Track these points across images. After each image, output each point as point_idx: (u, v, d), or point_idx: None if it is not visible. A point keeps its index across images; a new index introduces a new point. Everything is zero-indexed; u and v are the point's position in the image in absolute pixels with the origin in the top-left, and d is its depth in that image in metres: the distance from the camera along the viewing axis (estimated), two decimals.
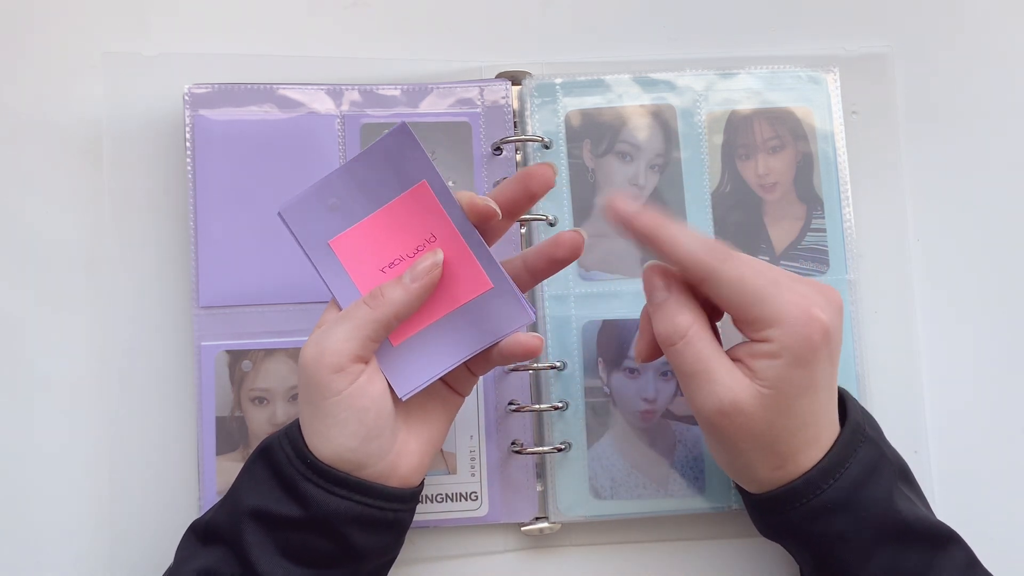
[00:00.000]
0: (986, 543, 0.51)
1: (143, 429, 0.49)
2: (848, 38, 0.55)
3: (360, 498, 0.40)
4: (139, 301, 0.50)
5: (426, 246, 0.41)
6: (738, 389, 0.39)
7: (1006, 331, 0.53)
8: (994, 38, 0.55)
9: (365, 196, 0.41)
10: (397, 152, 0.40)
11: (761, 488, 0.41)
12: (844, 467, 0.40)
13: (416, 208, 0.41)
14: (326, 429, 0.40)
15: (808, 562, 0.42)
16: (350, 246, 0.41)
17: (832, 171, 0.52)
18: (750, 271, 0.39)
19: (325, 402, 0.39)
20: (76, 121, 0.52)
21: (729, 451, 0.41)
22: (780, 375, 0.39)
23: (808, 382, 0.39)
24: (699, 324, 0.40)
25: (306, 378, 0.40)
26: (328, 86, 0.51)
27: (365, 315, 0.40)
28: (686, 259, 0.39)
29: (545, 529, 0.49)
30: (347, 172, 0.41)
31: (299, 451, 0.40)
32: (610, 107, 0.52)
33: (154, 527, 0.49)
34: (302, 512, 0.40)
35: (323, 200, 0.41)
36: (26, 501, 0.49)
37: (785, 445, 0.40)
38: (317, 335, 0.40)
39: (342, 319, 0.40)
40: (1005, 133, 0.55)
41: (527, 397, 0.50)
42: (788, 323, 0.38)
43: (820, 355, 0.39)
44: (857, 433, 0.41)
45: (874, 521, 0.40)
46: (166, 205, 0.51)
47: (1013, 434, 0.52)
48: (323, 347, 0.39)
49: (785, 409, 0.39)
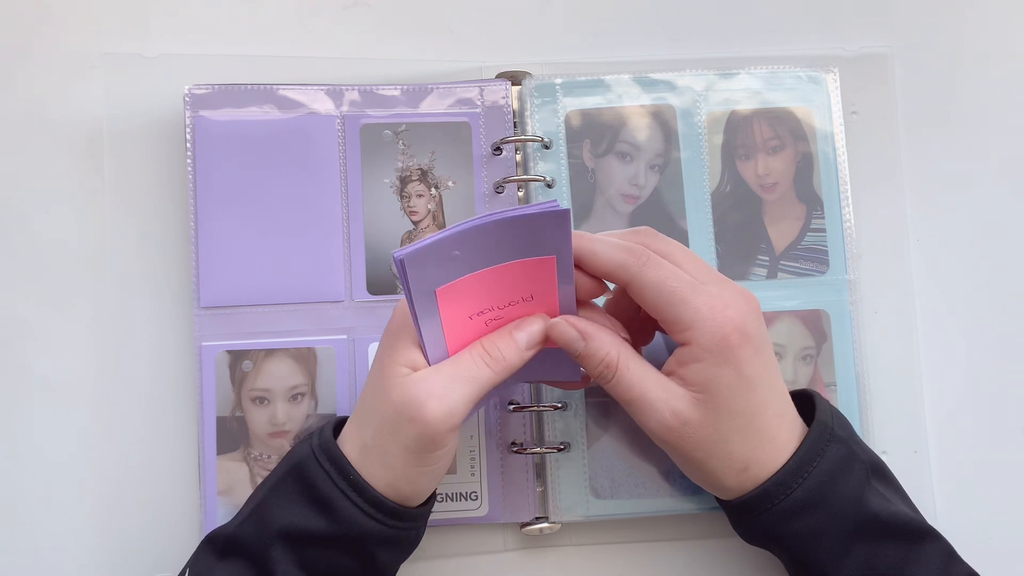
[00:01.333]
0: (986, 543, 0.51)
1: (144, 429, 0.49)
2: (848, 38, 0.55)
3: (393, 522, 0.41)
4: (139, 301, 0.50)
5: (520, 303, 0.42)
6: (675, 401, 0.40)
7: (1006, 331, 0.53)
8: (994, 38, 0.55)
9: (486, 254, 0.40)
10: (543, 225, 0.39)
11: (733, 494, 0.42)
12: (812, 466, 0.41)
13: (529, 272, 0.41)
14: (419, 477, 0.41)
15: (789, 564, 0.43)
16: (452, 295, 0.40)
17: (832, 171, 0.52)
18: (668, 274, 0.40)
19: (430, 455, 0.40)
20: (76, 122, 0.52)
21: (691, 463, 0.42)
22: (707, 377, 0.40)
23: (736, 379, 0.40)
24: (624, 354, 0.41)
25: (425, 434, 0.39)
26: (328, 86, 0.51)
27: (487, 378, 0.40)
28: (608, 267, 0.40)
29: (545, 529, 0.49)
30: (482, 231, 0.38)
31: (342, 470, 0.41)
32: (610, 107, 0.52)
33: (155, 527, 0.49)
34: (334, 529, 0.40)
35: (446, 251, 0.39)
36: (26, 501, 0.49)
37: (738, 446, 0.40)
38: (429, 387, 0.39)
39: (463, 379, 0.40)
40: (1005, 133, 0.55)
41: (527, 397, 0.50)
42: (702, 324, 0.39)
43: (740, 352, 0.40)
44: (825, 432, 0.42)
45: (847, 519, 0.41)
46: (167, 206, 0.51)
47: (1012, 434, 0.52)
48: (451, 408, 0.39)
49: (723, 409, 0.40)
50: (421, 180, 0.51)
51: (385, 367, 0.41)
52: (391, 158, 0.51)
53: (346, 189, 0.50)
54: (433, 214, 0.51)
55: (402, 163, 0.51)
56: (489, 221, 0.38)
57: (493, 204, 0.51)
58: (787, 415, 0.42)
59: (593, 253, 0.41)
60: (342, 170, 0.50)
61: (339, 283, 0.50)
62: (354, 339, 0.49)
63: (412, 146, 0.51)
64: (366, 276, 0.50)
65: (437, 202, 0.51)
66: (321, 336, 0.49)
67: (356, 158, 0.51)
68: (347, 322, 0.50)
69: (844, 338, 0.51)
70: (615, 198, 0.51)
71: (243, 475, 0.48)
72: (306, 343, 0.49)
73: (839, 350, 0.50)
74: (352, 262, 0.50)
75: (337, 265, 0.50)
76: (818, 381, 0.50)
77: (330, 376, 0.49)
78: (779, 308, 0.51)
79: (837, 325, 0.51)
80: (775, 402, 0.42)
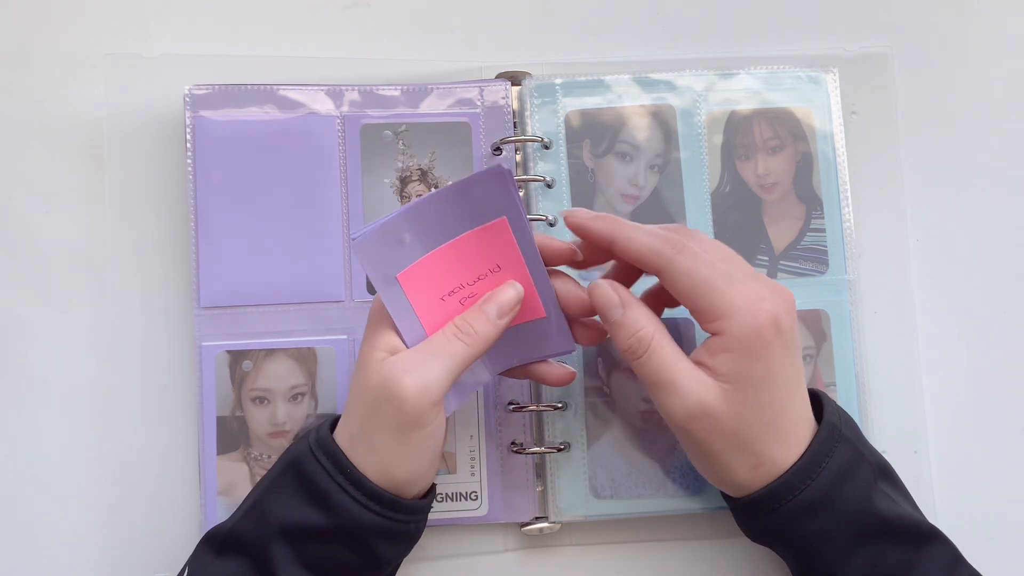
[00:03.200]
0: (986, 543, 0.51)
1: (144, 429, 0.49)
2: (848, 38, 0.55)
3: (391, 514, 0.41)
4: (140, 301, 0.50)
5: (488, 275, 0.42)
6: (702, 390, 0.40)
7: (1005, 331, 0.53)
8: (994, 38, 0.55)
9: (438, 230, 0.41)
10: (484, 190, 0.40)
11: (742, 492, 0.42)
12: (821, 467, 0.41)
13: (486, 241, 0.41)
14: (405, 458, 0.41)
15: (793, 563, 0.43)
16: (415, 278, 0.41)
17: (831, 171, 0.52)
18: (704, 263, 0.40)
19: (414, 434, 0.40)
20: (77, 122, 0.52)
21: (706, 455, 0.41)
22: (737, 368, 0.39)
23: (765, 373, 0.40)
24: (660, 333, 0.41)
25: (403, 410, 0.39)
26: (328, 86, 0.51)
27: (462, 352, 0.41)
28: (642, 251, 0.41)
29: (545, 529, 0.49)
30: (427, 206, 0.40)
31: (339, 464, 0.41)
32: (610, 107, 0.52)
33: (155, 527, 0.49)
34: (332, 522, 0.40)
35: (395, 234, 0.40)
36: (27, 501, 0.49)
37: (756, 442, 0.40)
38: (404, 364, 0.40)
39: (437, 354, 0.40)
40: (1004, 133, 0.54)
41: (527, 397, 0.50)
42: (737, 314, 0.39)
43: (773, 347, 0.39)
44: (833, 433, 0.42)
45: (854, 520, 0.40)
46: (167, 206, 0.51)
47: (1012, 434, 0.52)
48: (426, 382, 0.40)
49: (749, 402, 0.40)
50: (421, 180, 0.51)
51: (364, 354, 0.42)
52: (391, 158, 0.51)
53: (346, 189, 0.50)
54: None
55: (402, 163, 0.51)
56: (430, 196, 0.40)
57: None
58: (804, 416, 0.42)
59: (629, 238, 0.41)
60: (342, 170, 0.50)
61: (339, 283, 0.50)
62: (354, 339, 0.49)
63: (412, 146, 0.51)
64: (366, 276, 0.50)
65: None
66: (321, 336, 0.49)
67: (356, 158, 0.51)
68: (347, 322, 0.50)
69: (844, 338, 0.51)
70: (615, 198, 0.51)
71: (243, 475, 0.48)
72: (306, 343, 0.49)
73: (839, 350, 0.51)
74: (352, 262, 0.50)
75: (337, 265, 0.50)
76: (818, 381, 0.50)
77: (330, 376, 0.49)
78: None
79: (837, 325, 0.51)
80: (798, 401, 0.42)
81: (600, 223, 0.42)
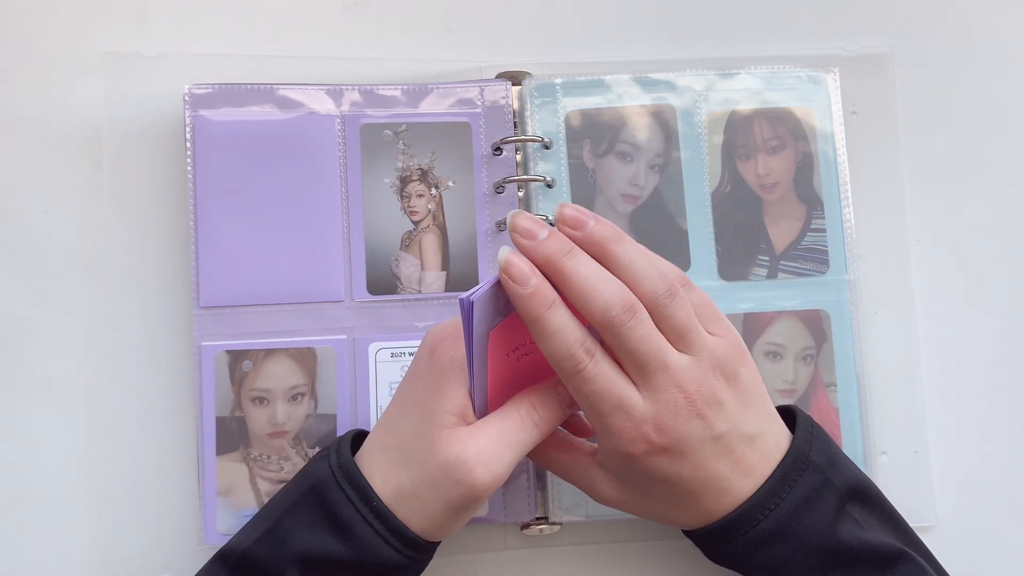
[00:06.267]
0: (986, 543, 0.51)
1: (143, 429, 0.49)
2: (848, 38, 0.55)
3: (409, 552, 0.41)
4: (139, 301, 0.50)
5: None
6: (603, 489, 0.43)
7: (1006, 331, 0.53)
8: (994, 38, 0.55)
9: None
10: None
11: (703, 521, 0.42)
12: (781, 498, 0.40)
13: None
14: (453, 524, 0.41)
15: None
16: (497, 335, 0.40)
17: (832, 171, 0.52)
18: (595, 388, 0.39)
19: (472, 510, 0.41)
20: (76, 121, 0.52)
21: (668, 485, 0.41)
22: (624, 474, 0.42)
23: (656, 475, 0.40)
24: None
25: (470, 498, 0.39)
26: (328, 86, 0.51)
27: (534, 440, 0.41)
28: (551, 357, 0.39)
29: (545, 529, 0.49)
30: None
31: (364, 495, 0.40)
32: (610, 107, 0.52)
33: (154, 527, 0.49)
34: (352, 555, 0.40)
35: (499, 296, 0.39)
36: (25, 501, 0.49)
37: (693, 501, 0.41)
38: (479, 451, 0.39)
39: (512, 444, 0.40)
40: (1005, 133, 0.55)
41: None
42: (607, 439, 0.40)
43: (649, 460, 0.40)
44: (799, 462, 0.41)
45: (815, 549, 0.40)
46: (166, 205, 0.51)
47: (1013, 434, 0.52)
48: (499, 475, 0.40)
49: (657, 494, 0.41)
50: (421, 180, 0.51)
51: (434, 412, 0.40)
52: (391, 158, 0.51)
53: (346, 189, 0.50)
54: (433, 214, 0.51)
55: (402, 163, 0.51)
56: None
57: (493, 204, 0.51)
58: (768, 446, 0.41)
59: (543, 334, 0.38)
60: (342, 170, 0.50)
61: (339, 283, 0.50)
62: (354, 339, 0.49)
63: (412, 146, 0.51)
64: (366, 276, 0.50)
65: (437, 202, 0.51)
66: (321, 336, 0.49)
67: (356, 158, 0.50)
68: (347, 322, 0.49)
69: (844, 338, 0.51)
70: (615, 198, 0.51)
71: (243, 475, 0.48)
72: (306, 343, 0.49)
73: (839, 350, 0.50)
74: (352, 262, 0.50)
75: (337, 265, 0.50)
76: (818, 381, 0.50)
77: (330, 376, 0.49)
78: (779, 308, 0.51)
79: (837, 325, 0.51)
80: (739, 451, 0.40)
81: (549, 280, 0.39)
